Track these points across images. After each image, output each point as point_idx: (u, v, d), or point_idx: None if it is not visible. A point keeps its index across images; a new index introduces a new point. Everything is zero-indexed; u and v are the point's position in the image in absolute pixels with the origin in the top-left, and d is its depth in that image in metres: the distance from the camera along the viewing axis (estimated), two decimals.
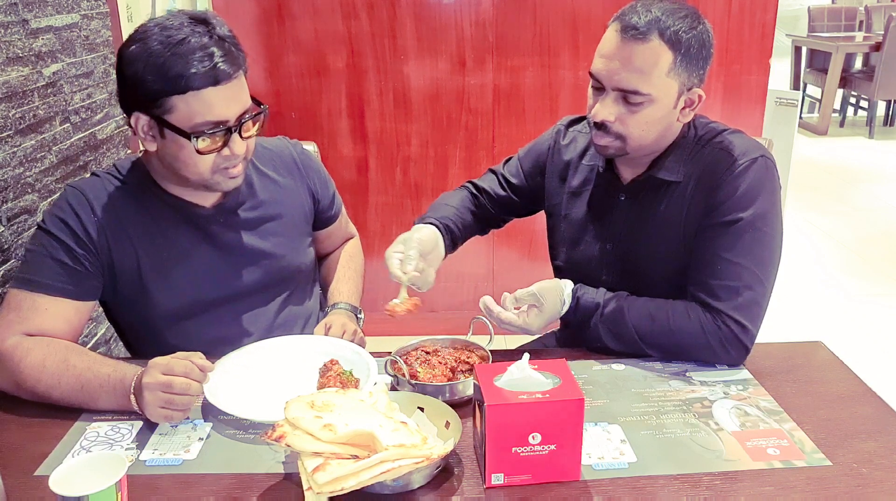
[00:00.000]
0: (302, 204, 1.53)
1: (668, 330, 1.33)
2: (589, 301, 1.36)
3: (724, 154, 1.36)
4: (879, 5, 7.48)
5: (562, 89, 2.89)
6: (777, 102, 3.28)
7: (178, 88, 1.20)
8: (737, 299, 1.30)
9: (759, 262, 1.32)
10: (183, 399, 1.12)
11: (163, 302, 1.36)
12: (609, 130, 1.34)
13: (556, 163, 1.58)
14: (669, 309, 1.34)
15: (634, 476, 1.04)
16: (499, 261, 3.07)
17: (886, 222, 4.76)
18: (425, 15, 2.83)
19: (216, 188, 1.34)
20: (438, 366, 1.26)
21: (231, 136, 1.26)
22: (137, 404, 1.15)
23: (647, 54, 1.27)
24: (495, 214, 1.68)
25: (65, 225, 1.30)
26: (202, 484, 1.03)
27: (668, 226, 1.41)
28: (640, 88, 1.29)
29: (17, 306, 1.26)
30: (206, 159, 1.27)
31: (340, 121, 2.96)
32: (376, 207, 3.06)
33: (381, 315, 1.32)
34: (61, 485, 0.87)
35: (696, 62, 1.31)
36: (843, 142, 6.72)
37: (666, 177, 1.40)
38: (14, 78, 1.57)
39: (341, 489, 0.92)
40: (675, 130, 1.40)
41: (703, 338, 1.30)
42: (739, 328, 1.30)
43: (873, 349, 3.17)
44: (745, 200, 1.32)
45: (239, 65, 1.25)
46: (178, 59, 1.19)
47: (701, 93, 1.35)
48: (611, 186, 1.48)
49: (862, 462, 1.06)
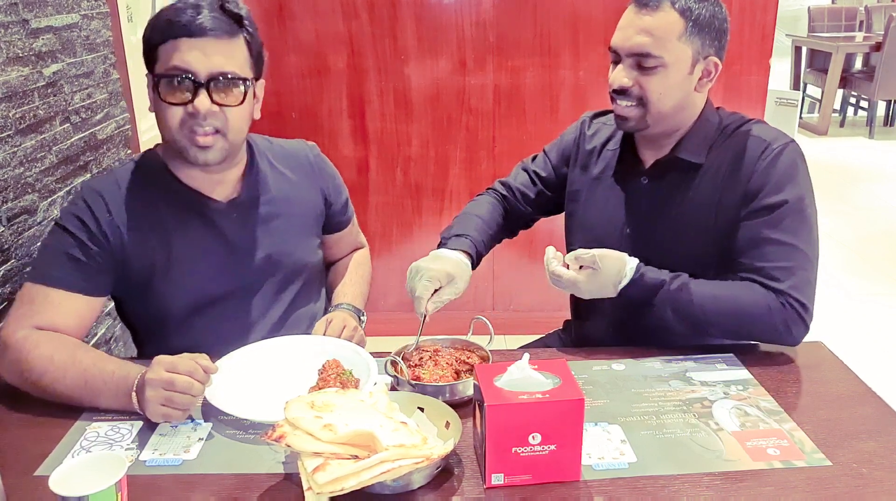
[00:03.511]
0: (314, 204, 1.55)
1: (734, 310, 1.34)
2: (654, 278, 1.36)
3: (756, 140, 1.40)
4: (879, 5, 7.48)
5: (562, 89, 2.89)
6: (777, 102, 3.28)
7: (163, 37, 1.28)
8: (793, 279, 1.32)
9: (806, 242, 1.35)
10: (183, 399, 1.12)
11: (175, 296, 1.38)
12: (628, 93, 1.38)
13: (581, 152, 1.61)
14: (733, 290, 1.35)
15: (634, 476, 1.04)
16: (499, 261, 3.07)
17: (886, 222, 4.76)
18: (426, 15, 2.83)
19: (188, 157, 1.32)
20: (447, 368, 1.26)
21: (198, 91, 1.27)
22: (138, 402, 1.15)
23: (658, 21, 1.34)
24: (527, 212, 1.69)
25: (80, 222, 1.33)
26: (202, 484, 1.03)
27: (693, 212, 1.42)
28: (652, 51, 1.34)
29: (31, 299, 1.29)
30: (174, 113, 1.29)
31: (341, 121, 2.96)
32: (376, 207, 3.06)
33: (382, 315, 1.32)
34: (61, 485, 0.87)
35: (708, 31, 1.36)
36: (843, 142, 6.72)
37: (688, 158, 1.42)
38: (14, 78, 1.57)
39: (341, 489, 0.92)
40: (696, 105, 1.43)
41: (770, 318, 1.32)
42: (801, 307, 1.32)
43: (873, 349, 3.17)
44: (785, 182, 1.35)
45: (228, 31, 1.29)
46: (170, 12, 1.28)
47: (717, 61, 1.40)
48: (632, 169, 1.51)
49: (862, 462, 1.06)
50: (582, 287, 1.36)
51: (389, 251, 3.12)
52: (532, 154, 1.72)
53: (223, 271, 1.41)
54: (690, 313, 1.35)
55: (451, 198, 3.05)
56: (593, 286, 1.36)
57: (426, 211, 3.08)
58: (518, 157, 2.06)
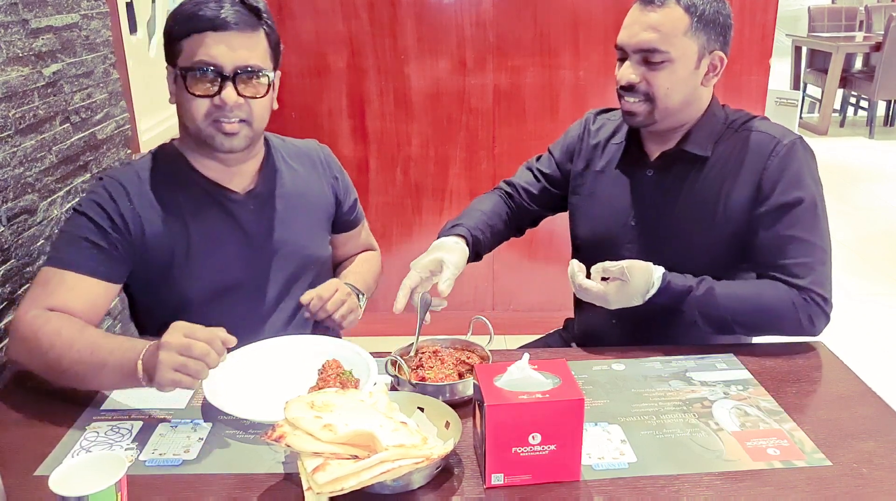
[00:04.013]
0: (325, 200, 1.58)
1: (759, 308, 1.37)
2: (680, 285, 1.38)
3: (765, 136, 1.42)
4: (879, 5, 7.48)
5: (562, 89, 2.89)
6: (777, 102, 3.29)
7: (187, 31, 1.30)
8: (814, 274, 1.36)
9: (821, 237, 1.39)
10: (197, 366, 1.08)
11: (193, 284, 1.40)
12: (636, 90, 1.40)
13: (586, 148, 1.62)
14: (756, 288, 1.39)
15: (634, 476, 1.04)
16: (499, 261, 3.07)
17: (886, 222, 4.76)
18: (426, 15, 2.82)
19: (214, 145, 1.36)
20: (453, 367, 1.26)
21: (225, 84, 1.29)
22: (145, 370, 1.11)
23: (664, 17, 1.36)
24: (533, 209, 1.70)
25: (101, 209, 1.34)
26: (202, 484, 1.03)
27: (697, 204, 1.44)
28: (659, 47, 1.36)
29: (45, 281, 1.30)
30: (200, 105, 1.31)
31: (341, 121, 2.96)
32: (376, 207, 3.06)
33: (382, 315, 1.32)
34: (61, 485, 0.87)
35: (712, 26, 1.38)
36: (843, 142, 6.72)
37: (694, 151, 1.44)
38: (14, 78, 1.57)
39: (341, 489, 0.92)
40: (702, 99, 1.45)
41: (794, 313, 1.35)
42: (823, 301, 1.35)
43: (873, 349, 3.17)
44: (799, 180, 1.38)
45: (250, 24, 1.32)
46: (193, 6, 1.30)
47: (722, 55, 1.42)
48: (638, 162, 1.52)
49: (862, 462, 1.06)
50: (611, 299, 1.36)
51: (389, 251, 3.10)
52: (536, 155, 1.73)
53: (239, 260, 1.43)
54: (718, 315, 1.37)
55: (451, 198, 3.05)
56: (622, 297, 1.36)
57: (426, 211, 3.08)
58: (518, 156, 2.07)
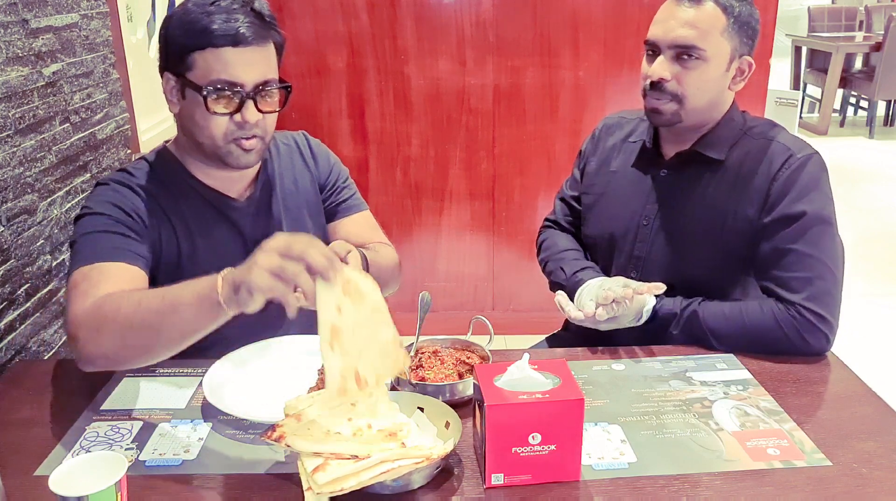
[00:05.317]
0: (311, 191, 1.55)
1: (742, 327, 1.36)
2: (667, 312, 1.40)
3: (780, 147, 1.42)
4: (879, 5, 7.48)
5: (562, 89, 2.89)
6: (777, 102, 3.29)
7: (200, 44, 1.24)
8: (810, 290, 1.33)
9: (827, 253, 1.36)
10: (296, 270, 0.95)
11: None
12: (665, 89, 1.40)
13: (600, 149, 1.64)
14: (743, 307, 1.38)
15: (634, 476, 1.04)
16: (499, 261, 3.07)
17: (886, 222, 4.76)
18: (426, 15, 2.82)
19: (229, 161, 1.32)
20: (453, 367, 1.26)
21: (246, 102, 1.27)
22: (232, 283, 1.00)
23: (703, 15, 1.37)
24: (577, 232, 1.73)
25: (114, 205, 1.31)
26: (202, 484, 1.03)
27: (709, 207, 1.44)
28: (696, 43, 1.36)
29: (85, 277, 1.22)
30: (220, 123, 1.27)
31: (341, 121, 2.96)
32: (376, 207, 3.03)
33: None
34: (61, 485, 0.87)
35: (745, 30, 1.40)
36: (843, 142, 6.72)
37: (709, 153, 1.44)
38: (14, 78, 1.57)
39: (341, 489, 0.92)
40: (726, 103, 1.47)
41: (779, 330, 1.33)
42: (816, 317, 1.32)
43: (873, 349, 3.17)
44: (807, 193, 1.37)
45: (265, 37, 1.27)
46: (204, 17, 1.24)
47: (751, 60, 1.43)
48: (653, 161, 1.53)
49: (862, 462, 1.06)
50: (602, 327, 1.40)
51: None
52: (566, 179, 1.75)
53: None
54: (702, 337, 1.39)
55: (450, 198, 3.05)
56: (612, 323, 1.40)
57: (426, 211, 3.08)
58: (518, 157, 2.07)
